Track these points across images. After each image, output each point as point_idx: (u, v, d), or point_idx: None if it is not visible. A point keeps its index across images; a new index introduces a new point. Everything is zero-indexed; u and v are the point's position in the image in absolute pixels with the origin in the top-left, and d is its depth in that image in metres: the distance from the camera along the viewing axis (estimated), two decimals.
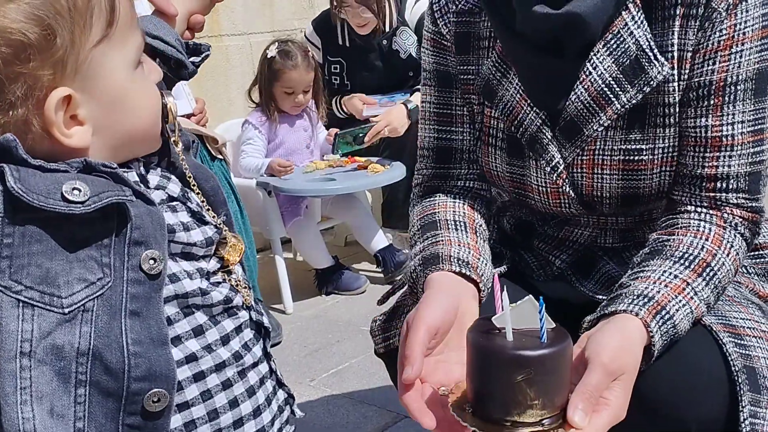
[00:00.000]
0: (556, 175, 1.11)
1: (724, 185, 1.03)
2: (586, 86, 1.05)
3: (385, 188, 3.12)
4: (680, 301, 0.94)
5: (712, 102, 1.02)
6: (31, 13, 0.70)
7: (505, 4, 1.08)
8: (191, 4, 1.02)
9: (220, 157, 2.49)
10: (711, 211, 1.04)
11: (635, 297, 0.93)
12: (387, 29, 3.12)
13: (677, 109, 1.05)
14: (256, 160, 2.91)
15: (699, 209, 1.05)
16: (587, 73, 1.05)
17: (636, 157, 1.07)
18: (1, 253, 0.70)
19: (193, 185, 0.90)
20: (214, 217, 0.89)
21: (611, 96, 1.04)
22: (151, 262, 0.76)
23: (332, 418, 2.01)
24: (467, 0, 1.17)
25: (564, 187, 1.12)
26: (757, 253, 1.16)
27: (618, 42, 1.03)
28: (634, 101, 1.04)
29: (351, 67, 3.24)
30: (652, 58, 1.02)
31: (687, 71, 1.03)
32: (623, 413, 0.85)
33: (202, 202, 0.90)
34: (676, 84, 1.04)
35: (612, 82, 1.04)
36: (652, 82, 1.02)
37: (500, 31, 1.11)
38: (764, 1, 1.01)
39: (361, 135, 2.93)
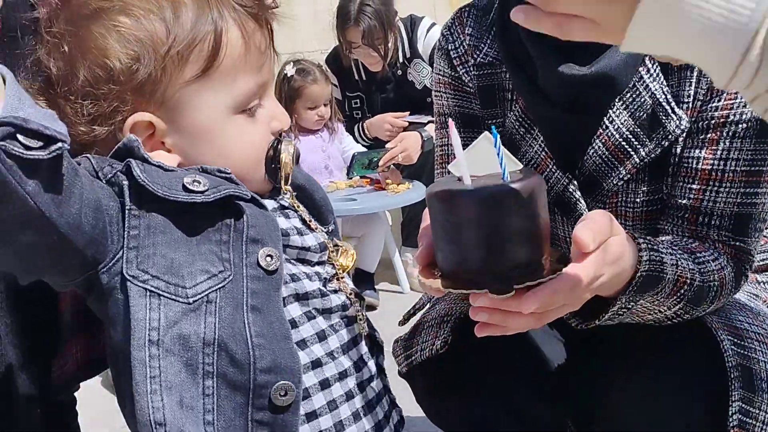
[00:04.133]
0: None
1: (706, 220, 1.00)
2: (603, 140, 1.04)
3: (404, 208, 3.15)
4: (665, 248, 0.92)
5: (709, 136, 1.00)
6: (130, 39, 0.75)
7: (527, 60, 1.07)
8: None
9: None
10: (692, 239, 1.01)
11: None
12: (400, 60, 3.13)
13: None
14: None
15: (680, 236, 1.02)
16: (604, 127, 1.04)
17: (658, 207, 1.06)
18: (129, 244, 0.72)
19: (294, 200, 0.90)
20: (317, 229, 0.90)
21: (630, 150, 1.03)
22: (269, 258, 0.78)
23: None
24: (486, 53, 1.15)
25: None
26: None
27: (633, 96, 1.02)
28: (653, 155, 1.03)
29: (370, 99, 3.26)
30: (669, 111, 1.01)
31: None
32: (603, 274, 0.79)
33: (311, 213, 0.91)
34: None
35: (630, 136, 1.03)
36: (670, 137, 1.01)
37: (522, 89, 1.10)
38: None
39: (375, 159, 2.97)
